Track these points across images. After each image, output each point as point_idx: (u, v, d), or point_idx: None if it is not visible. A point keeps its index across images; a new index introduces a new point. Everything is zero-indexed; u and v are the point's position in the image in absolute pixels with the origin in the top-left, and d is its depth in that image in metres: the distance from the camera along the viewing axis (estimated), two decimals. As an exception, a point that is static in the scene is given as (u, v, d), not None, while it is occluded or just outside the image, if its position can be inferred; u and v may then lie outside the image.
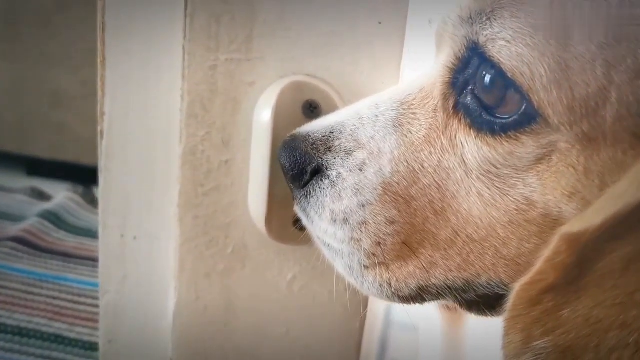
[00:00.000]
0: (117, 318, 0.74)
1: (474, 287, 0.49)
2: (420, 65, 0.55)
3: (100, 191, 0.69)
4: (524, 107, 0.42)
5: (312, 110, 0.61)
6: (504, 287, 0.47)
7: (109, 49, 0.65)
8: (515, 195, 0.44)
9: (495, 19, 0.41)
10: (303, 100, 0.61)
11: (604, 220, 0.35)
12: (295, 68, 0.63)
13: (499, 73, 0.42)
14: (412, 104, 0.49)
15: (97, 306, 0.73)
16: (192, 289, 0.70)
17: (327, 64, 0.62)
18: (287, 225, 0.64)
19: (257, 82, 0.63)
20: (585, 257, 0.36)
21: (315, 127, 0.52)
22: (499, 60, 0.41)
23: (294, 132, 0.53)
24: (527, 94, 0.41)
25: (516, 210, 0.44)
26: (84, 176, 1.94)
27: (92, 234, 1.60)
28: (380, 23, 0.60)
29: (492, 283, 0.48)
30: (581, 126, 0.40)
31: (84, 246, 1.59)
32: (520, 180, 0.44)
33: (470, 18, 0.43)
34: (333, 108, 0.59)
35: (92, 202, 1.86)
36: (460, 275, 0.48)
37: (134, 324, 0.74)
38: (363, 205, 0.49)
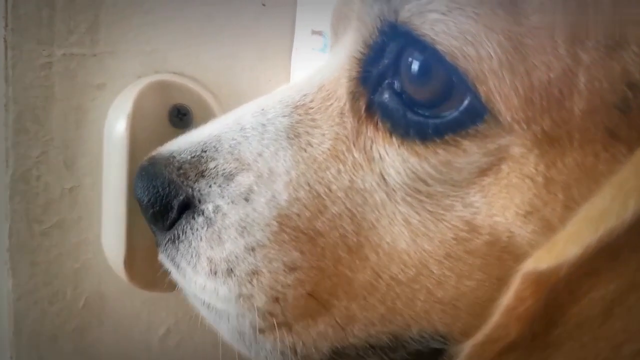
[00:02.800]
0: None
1: (404, 343, 0.41)
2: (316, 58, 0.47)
3: None
4: (467, 102, 0.34)
5: (180, 117, 0.55)
6: (440, 339, 0.41)
7: None
8: (453, 220, 0.37)
9: None
10: (169, 105, 0.55)
11: (583, 252, 0.28)
12: (157, 64, 0.56)
13: (433, 56, 0.34)
14: (310, 108, 0.42)
15: None
16: (33, 357, 0.60)
17: (199, 58, 0.56)
18: (153, 267, 0.55)
19: (107, 83, 0.56)
20: (555, 302, 0.30)
21: (181, 144, 0.44)
22: (433, 39, 0.34)
23: (153, 153, 0.45)
24: (473, 83, 0.33)
25: (454, 239, 0.37)
26: None
27: None
28: (264, 5, 0.56)
29: (425, 335, 0.41)
30: (541, 123, 0.33)
31: None
32: (459, 200, 0.37)
33: None
34: (208, 114, 0.56)
35: None
36: (386, 329, 0.41)
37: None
38: (252, 249, 0.41)
